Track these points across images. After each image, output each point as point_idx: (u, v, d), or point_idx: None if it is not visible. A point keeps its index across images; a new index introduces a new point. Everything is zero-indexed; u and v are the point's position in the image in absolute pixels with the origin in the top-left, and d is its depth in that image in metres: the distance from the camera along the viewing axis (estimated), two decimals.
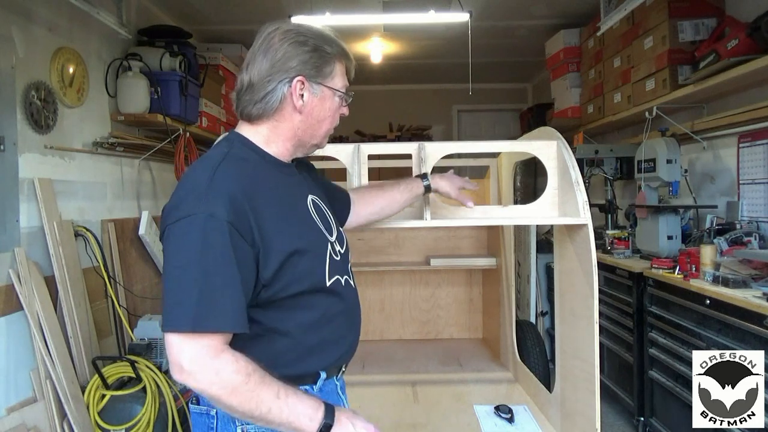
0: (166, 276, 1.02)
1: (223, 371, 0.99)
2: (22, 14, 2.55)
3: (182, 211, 1.03)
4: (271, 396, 1.01)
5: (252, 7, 4.09)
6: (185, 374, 0.99)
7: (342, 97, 1.23)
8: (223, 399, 0.99)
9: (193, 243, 1.00)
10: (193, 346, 0.99)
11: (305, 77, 1.16)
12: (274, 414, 1.01)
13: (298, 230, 1.17)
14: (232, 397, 0.99)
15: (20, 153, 2.49)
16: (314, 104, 1.19)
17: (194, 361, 0.99)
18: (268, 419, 1.01)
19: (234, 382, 0.99)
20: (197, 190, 1.05)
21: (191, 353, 0.99)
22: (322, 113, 1.20)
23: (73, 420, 2.42)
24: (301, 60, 1.15)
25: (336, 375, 1.26)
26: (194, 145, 3.83)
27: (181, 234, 1.02)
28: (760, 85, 2.74)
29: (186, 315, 0.98)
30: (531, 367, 2.68)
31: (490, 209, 2.09)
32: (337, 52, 1.20)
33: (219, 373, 0.99)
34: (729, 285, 2.27)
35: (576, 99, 4.56)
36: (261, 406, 1.00)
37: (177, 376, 1.01)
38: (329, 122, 1.23)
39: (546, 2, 4.15)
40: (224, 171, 1.08)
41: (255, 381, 1.00)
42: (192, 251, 1.00)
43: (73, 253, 2.77)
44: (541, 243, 4.10)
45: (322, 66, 1.18)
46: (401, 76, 6.41)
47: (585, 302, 1.91)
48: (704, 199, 3.20)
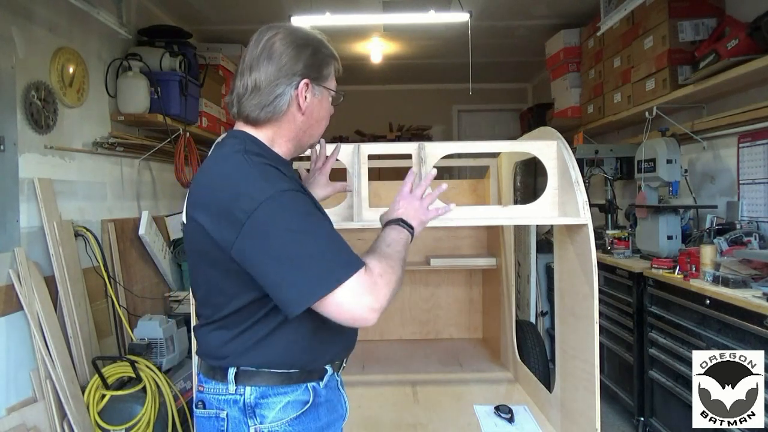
0: (275, 263, 1.01)
1: (375, 272, 1.06)
2: (22, 14, 2.55)
3: (254, 201, 1.02)
4: (387, 249, 1.16)
5: (252, 7, 4.09)
6: (375, 309, 1.03)
7: (335, 97, 1.27)
8: (396, 280, 1.10)
9: (288, 221, 1.02)
10: (355, 283, 1.01)
11: (310, 80, 1.18)
12: (399, 252, 1.17)
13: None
14: (395, 272, 1.10)
15: (20, 153, 2.49)
16: (314, 105, 1.21)
17: (365, 290, 1.02)
18: (402, 257, 1.17)
19: (382, 267, 1.08)
20: (250, 178, 1.06)
21: (361, 291, 1.02)
22: (321, 113, 1.24)
23: (73, 420, 2.42)
24: (305, 63, 1.18)
25: (337, 371, 1.28)
26: (194, 145, 3.84)
27: (268, 218, 1.01)
28: (760, 85, 2.74)
29: (332, 271, 1.01)
30: (531, 367, 2.68)
31: (490, 209, 2.09)
32: (331, 54, 1.24)
33: (382, 274, 1.06)
34: (729, 285, 2.27)
35: (576, 99, 4.56)
36: (396, 255, 1.15)
37: (372, 317, 1.03)
38: (326, 122, 1.27)
39: (546, 2, 4.15)
40: (259, 159, 1.10)
41: (379, 254, 1.13)
42: (292, 228, 1.01)
43: (73, 253, 2.77)
44: (541, 243, 4.10)
45: (323, 68, 1.21)
46: (401, 76, 6.42)
47: (585, 302, 1.91)
48: (704, 199, 3.20)
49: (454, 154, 2.95)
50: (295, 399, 1.15)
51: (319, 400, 1.19)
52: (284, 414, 1.14)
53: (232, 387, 1.14)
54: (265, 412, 1.13)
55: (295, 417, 1.14)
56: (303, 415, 1.16)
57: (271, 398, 1.14)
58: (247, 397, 1.13)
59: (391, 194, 1.36)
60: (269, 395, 1.14)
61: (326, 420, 1.21)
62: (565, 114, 4.69)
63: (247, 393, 1.13)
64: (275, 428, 1.13)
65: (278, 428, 1.13)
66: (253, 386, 1.13)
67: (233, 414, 1.13)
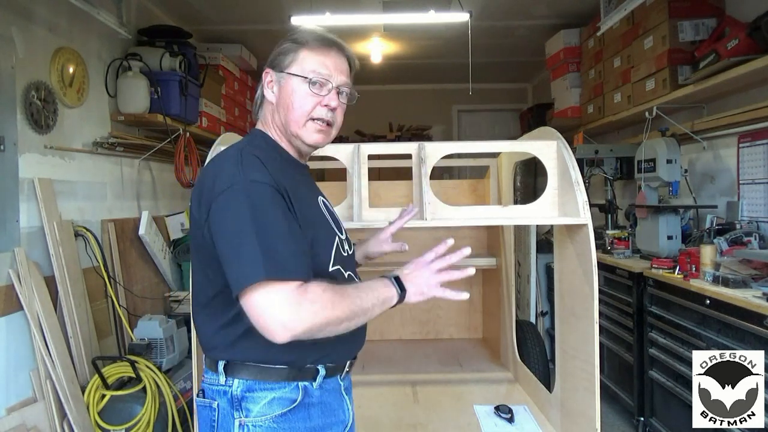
0: (223, 247, 1.05)
1: (314, 296, 1.02)
2: (22, 14, 2.55)
3: (224, 183, 1.07)
4: (351, 290, 1.08)
5: (252, 7, 4.09)
6: (288, 328, 0.99)
7: (306, 79, 1.22)
8: (330, 317, 1.02)
9: (242, 208, 1.04)
10: (282, 292, 0.99)
11: (271, 68, 1.26)
12: (364, 300, 1.09)
13: (313, 218, 1.20)
14: (335, 309, 1.03)
15: (20, 153, 2.49)
16: (283, 93, 1.24)
17: (287, 302, 0.99)
18: (363, 307, 1.08)
19: (327, 297, 1.03)
20: (229, 166, 1.11)
21: (281, 302, 0.99)
22: (290, 98, 1.23)
23: (73, 420, 2.42)
24: (271, 58, 1.27)
25: (340, 374, 1.26)
26: (194, 145, 3.84)
27: (227, 205, 1.06)
28: (760, 85, 2.73)
29: (263, 266, 0.99)
30: (531, 367, 2.68)
31: (490, 209, 2.09)
32: (303, 40, 1.25)
33: (314, 301, 1.01)
34: (729, 285, 2.27)
35: (576, 99, 4.56)
36: (355, 300, 1.07)
37: (281, 335, 0.99)
38: (300, 108, 1.22)
39: (546, 2, 4.15)
40: (251, 152, 1.15)
41: (333, 288, 1.06)
42: (243, 216, 1.04)
43: (73, 253, 2.77)
44: (541, 243, 4.10)
45: (285, 55, 1.25)
46: (401, 76, 6.41)
47: (585, 302, 1.91)
48: (704, 199, 3.20)
49: (454, 154, 2.96)
50: (282, 396, 1.15)
51: (311, 401, 1.18)
52: (269, 410, 1.14)
53: (222, 378, 1.16)
54: (250, 406, 1.14)
55: (281, 414, 1.14)
56: (290, 413, 1.15)
57: (257, 393, 1.14)
58: (234, 390, 1.15)
59: (391, 194, 1.37)
60: (255, 389, 1.14)
61: (320, 422, 1.19)
62: (565, 114, 4.70)
63: (235, 385, 1.15)
64: (259, 423, 1.13)
65: (262, 423, 1.13)
66: (241, 379, 1.15)
67: (223, 405, 1.15)
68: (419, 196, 2.00)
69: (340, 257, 1.24)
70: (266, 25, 4.42)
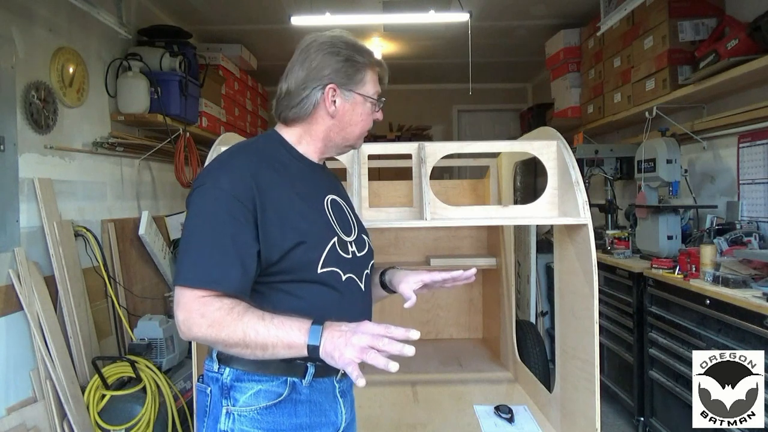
0: (183, 239, 1.15)
1: (207, 311, 1.06)
2: (22, 14, 2.55)
3: (198, 181, 1.18)
4: (255, 320, 1.05)
5: (252, 7, 4.09)
6: (183, 326, 1.07)
7: (374, 102, 1.33)
8: (216, 337, 1.05)
9: (200, 210, 1.14)
10: (187, 298, 1.07)
11: (337, 85, 1.26)
12: (262, 335, 1.04)
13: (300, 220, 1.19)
14: (222, 331, 1.05)
15: (20, 153, 2.48)
16: (346, 109, 1.29)
17: (185, 308, 1.07)
18: (259, 342, 1.04)
19: (216, 316, 1.05)
20: (214, 165, 1.21)
21: (184, 303, 1.07)
22: (353, 118, 1.30)
23: (73, 420, 2.42)
24: (333, 69, 1.26)
25: (335, 376, 1.24)
26: (194, 145, 3.84)
27: (192, 202, 1.16)
28: (760, 85, 2.74)
29: (185, 272, 1.09)
30: (531, 367, 2.68)
31: (490, 209, 2.09)
32: (368, 61, 1.31)
33: (204, 315, 1.06)
34: (729, 285, 2.27)
35: (576, 99, 4.56)
36: (248, 330, 1.04)
37: (182, 334, 1.09)
38: (361, 126, 1.33)
39: (546, 2, 4.14)
40: (243, 151, 1.23)
41: (238, 312, 1.06)
42: (198, 217, 1.13)
43: (73, 253, 2.77)
44: (541, 243, 4.10)
45: (353, 74, 1.28)
46: (401, 76, 6.41)
47: (585, 302, 1.91)
48: (704, 199, 3.20)
49: (454, 154, 2.96)
50: (269, 389, 1.17)
51: (299, 398, 1.19)
52: (255, 401, 1.16)
53: (216, 366, 1.19)
54: (237, 395, 1.17)
55: (265, 407, 1.16)
56: (275, 407, 1.17)
57: (244, 383, 1.17)
58: (225, 378, 1.18)
59: (391, 194, 1.37)
60: (243, 380, 1.17)
61: (306, 420, 1.19)
62: (565, 114, 4.70)
63: (226, 373, 1.18)
64: (244, 413, 1.16)
65: (247, 414, 1.16)
66: (231, 368, 1.18)
67: (215, 391, 1.19)
68: (419, 196, 2.00)
69: (336, 259, 1.22)
70: (266, 25, 4.42)
